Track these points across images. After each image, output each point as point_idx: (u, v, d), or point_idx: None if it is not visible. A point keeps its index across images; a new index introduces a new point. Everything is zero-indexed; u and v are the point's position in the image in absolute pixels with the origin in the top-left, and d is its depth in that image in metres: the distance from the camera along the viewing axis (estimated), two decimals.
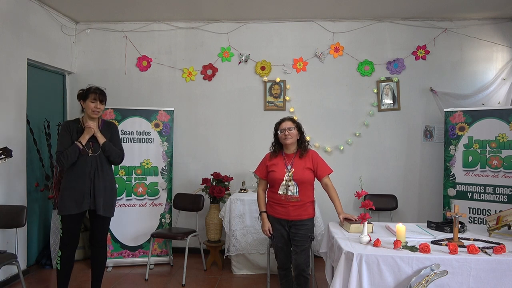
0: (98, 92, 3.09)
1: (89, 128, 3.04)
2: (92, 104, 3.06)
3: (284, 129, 2.95)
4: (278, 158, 3.02)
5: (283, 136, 2.95)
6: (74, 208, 3.02)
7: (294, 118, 3.09)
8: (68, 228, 3.07)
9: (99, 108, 3.07)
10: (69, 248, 3.10)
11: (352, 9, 4.47)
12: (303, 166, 2.93)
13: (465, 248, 2.27)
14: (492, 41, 4.64)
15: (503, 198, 3.99)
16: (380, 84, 4.74)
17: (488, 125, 4.10)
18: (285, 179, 2.91)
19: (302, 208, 2.92)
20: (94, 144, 3.09)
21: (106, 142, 3.11)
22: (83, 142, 3.04)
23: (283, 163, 2.97)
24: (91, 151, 3.07)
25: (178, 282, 3.90)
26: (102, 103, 3.10)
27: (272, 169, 2.98)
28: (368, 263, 2.22)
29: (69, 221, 3.05)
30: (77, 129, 3.10)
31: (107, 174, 3.15)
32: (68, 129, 3.09)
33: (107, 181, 3.14)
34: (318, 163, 2.98)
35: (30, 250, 4.20)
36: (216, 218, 4.34)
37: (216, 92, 4.89)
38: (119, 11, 4.60)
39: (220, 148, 4.88)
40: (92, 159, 3.07)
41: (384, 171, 4.74)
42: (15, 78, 3.91)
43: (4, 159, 2.79)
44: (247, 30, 4.87)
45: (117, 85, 4.92)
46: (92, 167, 3.06)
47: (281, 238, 2.99)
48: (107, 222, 3.25)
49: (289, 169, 2.93)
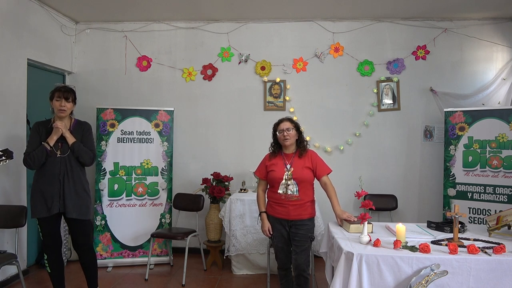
0: (62, 90, 3.01)
1: (56, 128, 2.97)
2: (57, 102, 2.98)
3: (283, 129, 2.95)
4: (277, 158, 3.02)
5: (282, 137, 2.96)
6: (45, 211, 2.96)
7: (293, 118, 3.09)
8: (47, 231, 3.04)
9: (64, 106, 2.98)
10: (52, 250, 3.08)
11: (352, 9, 4.47)
12: (302, 165, 2.94)
13: (465, 248, 2.27)
14: (492, 41, 4.64)
15: (503, 198, 3.99)
16: (380, 84, 4.74)
17: (488, 125, 4.10)
18: (284, 178, 2.91)
19: (302, 208, 2.92)
20: (63, 145, 3.01)
21: (75, 142, 3.02)
22: (51, 143, 2.97)
23: (282, 163, 2.98)
24: (59, 152, 3.00)
25: (178, 282, 3.90)
26: (68, 101, 3.00)
27: (271, 168, 2.99)
28: (368, 263, 2.22)
29: (45, 224, 3.01)
30: (47, 129, 3.03)
31: (77, 176, 3.06)
32: (37, 130, 3.04)
33: (78, 182, 3.05)
34: (317, 162, 2.99)
35: (30, 250, 4.20)
36: (216, 218, 4.34)
37: (216, 92, 4.89)
38: (119, 11, 4.60)
39: (220, 148, 4.88)
40: (61, 160, 3.00)
41: (384, 171, 4.74)
42: (15, 78, 3.91)
43: (5, 160, 2.79)
44: (247, 30, 4.87)
45: (117, 85, 4.93)
46: (61, 169, 2.99)
47: (281, 238, 2.99)
48: (85, 225, 3.15)
49: (288, 168, 2.94)
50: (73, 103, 3.08)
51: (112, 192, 4.34)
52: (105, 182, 4.32)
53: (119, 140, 4.39)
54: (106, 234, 4.31)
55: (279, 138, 3.00)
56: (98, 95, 4.87)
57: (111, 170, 4.35)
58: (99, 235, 4.29)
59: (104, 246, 4.30)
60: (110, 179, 4.34)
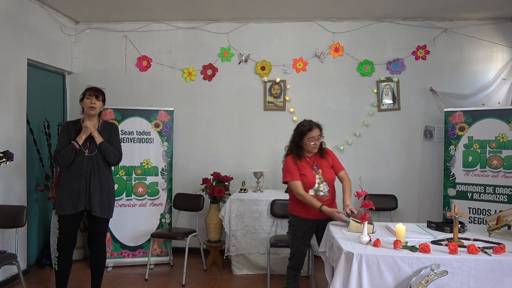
0: (94, 89, 3.11)
1: (85, 127, 3.03)
2: (88, 100, 3.06)
3: (314, 137, 2.95)
4: (302, 161, 3.03)
5: (314, 145, 2.96)
6: (71, 208, 3.01)
7: (318, 124, 3.04)
8: (66, 229, 3.07)
9: (94, 104, 3.05)
10: (66, 249, 3.10)
11: (352, 9, 4.47)
12: (327, 165, 3.04)
13: (465, 248, 2.26)
14: (492, 41, 4.64)
15: (503, 198, 3.99)
16: (380, 84, 4.74)
17: (488, 125, 4.10)
18: (317, 182, 2.96)
19: (332, 206, 3.01)
20: (91, 144, 3.07)
21: (103, 142, 3.08)
22: (80, 142, 3.02)
23: (309, 166, 3.01)
24: (87, 151, 3.05)
25: (178, 282, 3.90)
26: (98, 99, 3.08)
27: (302, 172, 3.00)
28: (368, 263, 2.22)
29: (66, 222, 3.05)
30: (76, 129, 3.09)
31: (103, 175, 3.11)
32: (67, 129, 3.10)
33: (104, 181, 3.10)
34: (334, 159, 3.11)
35: (30, 250, 4.20)
36: (216, 218, 4.34)
37: (216, 92, 4.89)
38: (119, 11, 4.60)
39: (220, 148, 4.88)
40: (88, 159, 3.05)
41: (384, 171, 4.74)
42: (15, 78, 3.91)
43: (5, 162, 2.78)
44: (247, 30, 4.87)
45: (117, 85, 4.92)
46: (88, 167, 3.04)
47: (304, 241, 3.07)
48: (105, 224, 3.21)
49: (316, 170, 2.99)
50: (102, 102, 3.15)
51: None
52: None
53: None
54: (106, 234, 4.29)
55: (305, 144, 2.98)
56: None
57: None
58: None
59: None
60: None
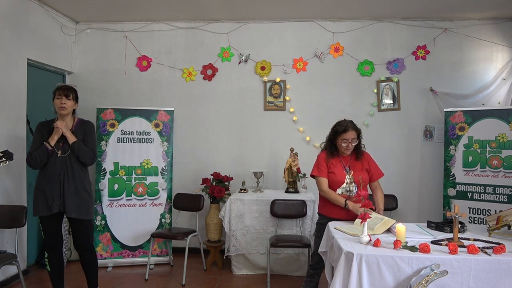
0: (63, 88, 3.03)
1: (56, 128, 2.98)
2: (58, 100, 3.00)
3: (348, 140, 2.94)
4: (335, 159, 3.03)
5: (346, 147, 2.96)
6: (45, 210, 2.98)
7: (356, 127, 3.03)
8: (47, 230, 3.06)
9: (65, 104, 2.99)
10: (53, 249, 3.10)
11: (352, 9, 4.47)
12: (360, 168, 3.02)
13: (465, 248, 2.26)
14: (492, 41, 4.64)
15: (503, 198, 3.99)
16: (380, 84, 4.74)
17: (488, 125, 4.10)
18: (346, 182, 2.96)
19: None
20: (64, 145, 3.02)
21: (75, 142, 3.01)
22: (52, 143, 2.98)
23: (341, 165, 3.01)
24: (60, 151, 3.00)
25: (178, 282, 3.90)
26: (68, 98, 3.01)
27: (331, 170, 3.00)
28: (368, 263, 2.21)
29: (46, 223, 3.04)
30: (49, 129, 3.04)
31: (78, 175, 3.05)
32: (40, 130, 3.06)
33: (78, 182, 3.05)
34: (373, 165, 3.08)
35: (30, 250, 4.20)
36: (216, 218, 4.34)
37: (216, 92, 4.89)
38: (119, 11, 4.60)
39: (220, 148, 4.88)
40: (61, 160, 3.00)
41: (384, 171, 4.69)
42: (15, 78, 3.91)
43: (5, 161, 2.79)
44: (247, 30, 4.87)
45: (117, 85, 4.93)
46: (61, 168, 3.00)
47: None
48: (86, 225, 3.14)
49: (348, 171, 2.99)
50: (74, 101, 3.08)
51: (112, 192, 4.34)
52: (105, 182, 4.32)
53: (119, 140, 4.39)
54: (106, 234, 4.31)
55: (339, 145, 2.99)
56: (98, 95, 4.87)
57: (111, 170, 4.34)
58: (99, 235, 4.28)
59: (104, 246, 4.30)
60: (110, 179, 4.34)
